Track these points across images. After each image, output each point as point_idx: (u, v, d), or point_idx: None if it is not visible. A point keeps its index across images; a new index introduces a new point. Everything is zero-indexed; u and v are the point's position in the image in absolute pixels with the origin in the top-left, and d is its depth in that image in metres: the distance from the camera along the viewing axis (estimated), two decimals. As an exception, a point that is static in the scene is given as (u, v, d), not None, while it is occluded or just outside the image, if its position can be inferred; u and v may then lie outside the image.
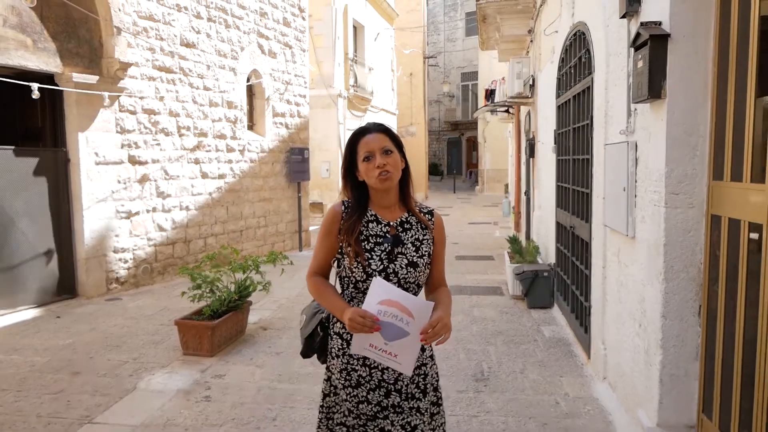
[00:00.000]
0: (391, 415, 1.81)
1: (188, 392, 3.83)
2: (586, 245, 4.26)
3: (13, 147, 5.86)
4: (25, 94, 5.70)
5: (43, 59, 5.87)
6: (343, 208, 1.88)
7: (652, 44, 2.49)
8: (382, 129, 1.87)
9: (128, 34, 6.65)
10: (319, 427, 1.91)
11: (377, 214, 1.87)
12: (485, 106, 14.34)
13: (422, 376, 1.85)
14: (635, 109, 2.97)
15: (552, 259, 6.01)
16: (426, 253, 1.85)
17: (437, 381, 1.92)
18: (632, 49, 2.75)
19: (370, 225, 1.85)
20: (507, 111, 12.93)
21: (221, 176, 8.46)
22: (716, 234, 2.45)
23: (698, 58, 2.46)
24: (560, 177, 5.52)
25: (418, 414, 1.82)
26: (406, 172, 1.88)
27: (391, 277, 1.78)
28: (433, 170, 32.02)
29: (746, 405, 2.19)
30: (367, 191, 1.89)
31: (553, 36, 5.85)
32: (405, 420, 1.80)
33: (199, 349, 4.51)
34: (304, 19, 10.60)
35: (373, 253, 1.80)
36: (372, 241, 1.82)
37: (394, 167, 1.81)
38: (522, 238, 8.83)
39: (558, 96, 5.55)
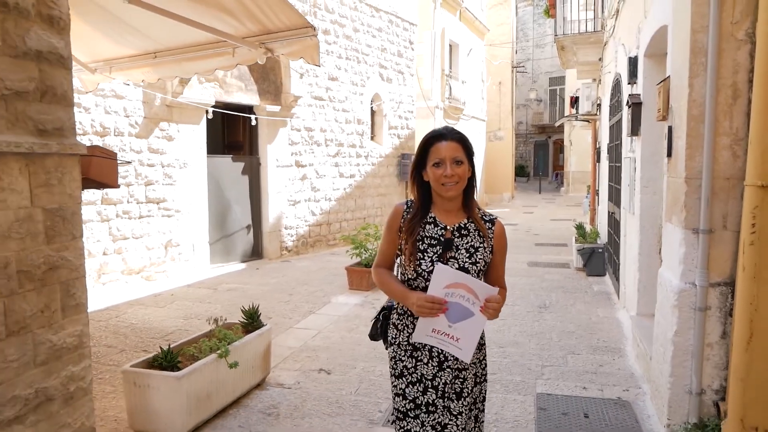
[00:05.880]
0: (422, 414, 1.90)
1: (360, 304, 6.39)
2: (618, 223, 6.35)
3: (231, 155, 8.84)
4: (228, 118, 8.64)
5: (249, 96, 8.77)
6: (405, 207, 1.98)
7: (633, 106, 4.66)
8: (457, 138, 1.89)
9: (297, 75, 9.45)
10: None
11: (437, 216, 1.94)
12: (566, 116, 16.09)
13: (460, 380, 1.92)
14: (633, 139, 5.11)
15: (605, 239, 8.04)
16: (480, 260, 1.89)
17: (476, 386, 2.01)
18: (626, 106, 4.91)
19: (428, 227, 1.92)
20: (587, 120, 14.71)
21: (351, 176, 11.15)
22: (666, 208, 4.56)
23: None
24: (610, 178, 7.55)
25: (448, 413, 1.91)
26: (471, 180, 1.94)
27: None
28: (520, 172, 33.56)
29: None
30: (431, 192, 1.95)
31: (610, 72, 7.87)
32: (437, 420, 1.90)
33: (360, 286, 7.08)
34: (412, 50, 13.14)
35: (425, 254, 1.88)
36: (426, 242, 1.89)
37: (461, 177, 1.87)
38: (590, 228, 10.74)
39: (610, 119, 7.59)
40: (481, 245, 1.91)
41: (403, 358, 1.95)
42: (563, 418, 3.47)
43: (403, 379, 1.94)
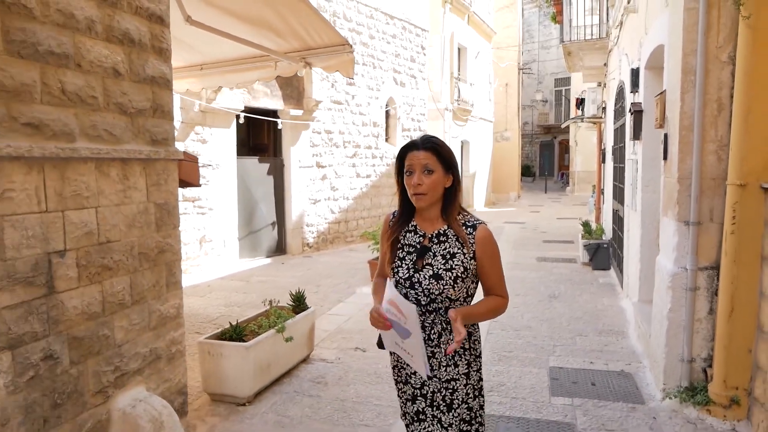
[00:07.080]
0: (415, 422, 1.95)
1: (384, 295, 6.93)
2: (622, 220, 6.87)
3: (258, 157, 9.41)
4: (253, 121, 9.20)
5: (274, 101, 9.33)
6: (392, 215, 2.05)
7: (635, 114, 5.18)
8: (428, 146, 1.87)
9: (318, 81, 10.01)
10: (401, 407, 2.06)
11: (417, 224, 1.95)
12: (572, 118, 16.60)
13: (450, 390, 1.90)
14: (635, 143, 5.63)
15: (610, 235, 8.55)
16: (457, 266, 1.85)
17: (474, 400, 1.95)
18: (629, 113, 5.44)
19: (408, 235, 1.94)
20: (592, 122, 15.21)
21: (367, 176, 11.70)
22: (665, 205, 5.09)
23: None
24: (615, 178, 8.07)
25: (439, 425, 1.90)
26: (452, 188, 1.92)
27: (416, 287, 1.86)
28: (526, 172, 34.04)
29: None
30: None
31: (614, 79, 8.39)
32: (427, 429, 1.92)
33: (381, 278, 7.62)
34: (424, 55, 13.68)
35: (403, 262, 1.90)
36: (406, 249, 1.92)
37: (431, 187, 1.85)
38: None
39: (614, 123, 8.11)
40: (460, 251, 1.87)
41: (404, 366, 1.97)
42: (573, 385, 4.00)
43: (409, 385, 1.96)
